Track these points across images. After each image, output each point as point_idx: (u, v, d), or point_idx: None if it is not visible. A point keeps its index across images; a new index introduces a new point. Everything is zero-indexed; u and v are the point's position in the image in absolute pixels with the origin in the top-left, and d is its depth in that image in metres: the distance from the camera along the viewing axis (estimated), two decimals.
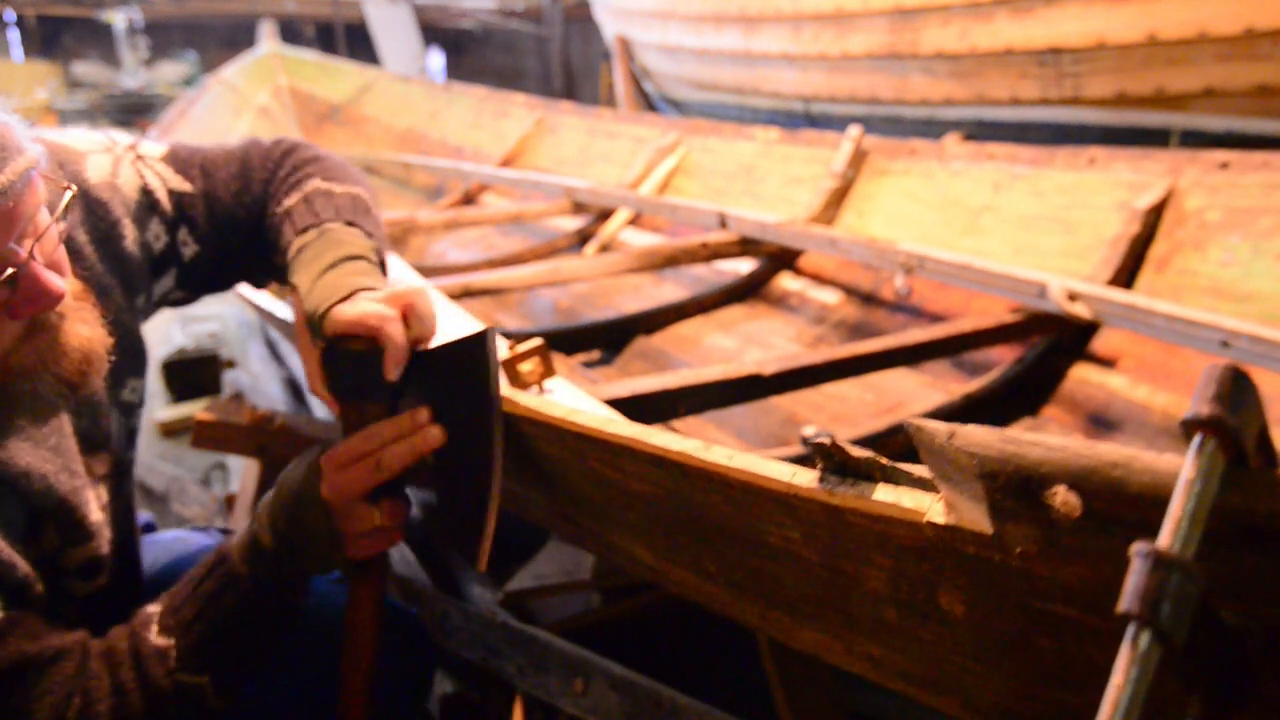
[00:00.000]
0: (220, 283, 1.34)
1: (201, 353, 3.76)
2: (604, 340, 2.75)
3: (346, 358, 1.05)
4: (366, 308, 1.03)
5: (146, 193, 1.20)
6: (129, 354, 1.16)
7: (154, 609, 1.05)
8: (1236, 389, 0.47)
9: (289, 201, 1.20)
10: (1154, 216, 2.21)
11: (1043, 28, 3.40)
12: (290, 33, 8.85)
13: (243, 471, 2.27)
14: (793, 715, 1.40)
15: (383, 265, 1.17)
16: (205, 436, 2.11)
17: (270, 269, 1.28)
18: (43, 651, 0.96)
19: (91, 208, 1.12)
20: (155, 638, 1.02)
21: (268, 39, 5.88)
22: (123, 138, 1.25)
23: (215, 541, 1.40)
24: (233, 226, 1.25)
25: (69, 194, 0.96)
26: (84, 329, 0.99)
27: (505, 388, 1.08)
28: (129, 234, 1.17)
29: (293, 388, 3.37)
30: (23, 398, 0.95)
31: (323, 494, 1.03)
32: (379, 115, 5.32)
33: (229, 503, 2.59)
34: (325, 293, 1.06)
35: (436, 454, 1.05)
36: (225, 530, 1.47)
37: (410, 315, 1.04)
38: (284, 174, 1.25)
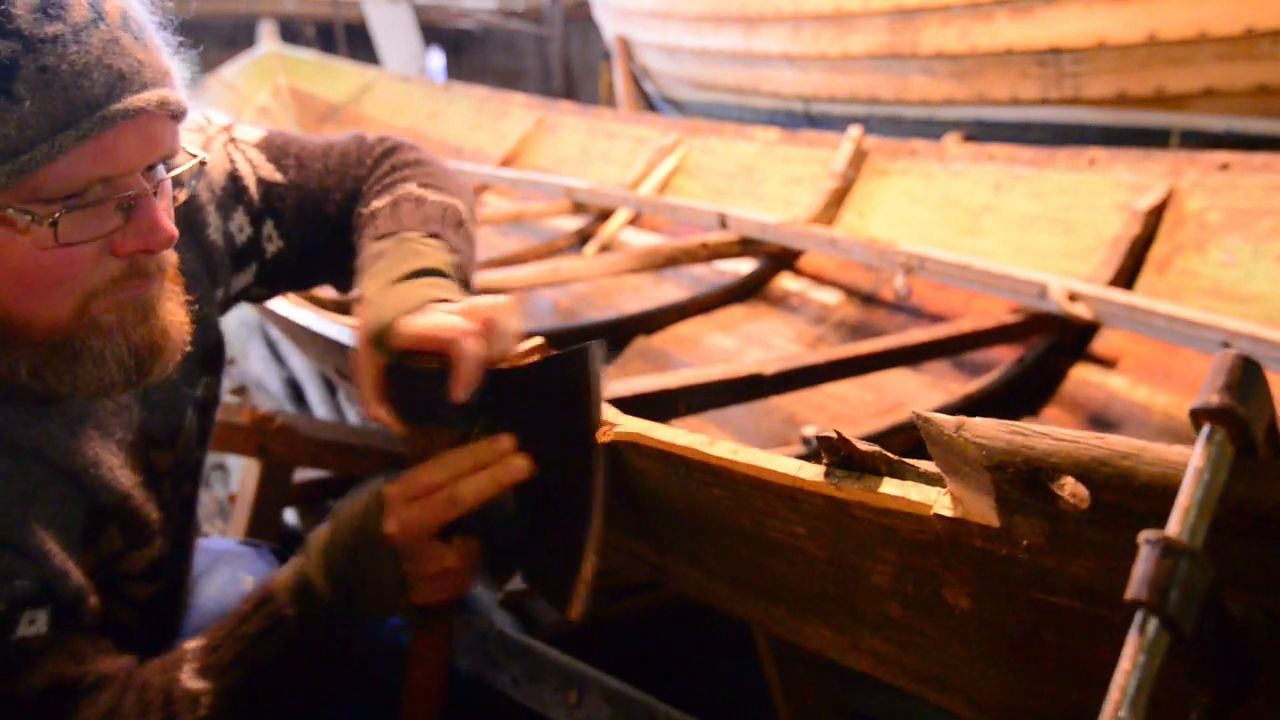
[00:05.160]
0: (302, 282, 1.28)
1: None
2: (604, 340, 2.74)
3: (413, 376, 0.94)
4: (439, 320, 0.93)
5: (234, 179, 1.13)
6: (205, 349, 1.09)
7: (193, 645, 0.96)
8: (1246, 379, 0.47)
9: (376, 204, 1.12)
10: (1154, 217, 2.21)
11: (1043, 28, 3.41)
12: (290, 33, 8.84)
13: (243, 471, 2.26)
14: (792, 715, 1.40)
15: (465, 283, 1.07)
16: None
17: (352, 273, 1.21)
18: (83, 677, 0.90)
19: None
20: (189, 680, 0.93)
21: (268, 39, 5.90)
22: (219, 117, 1.18)
23: (267, 563, 1.31)
24: (321, 224, 1.18)
25: (195, 161, 0.93)
26: (171, 305, 0.92)
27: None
28: (212, 221, 1.10)
29: (293, 388, 3.37)
30: (87, 363, 0.87)
31: (388, 530, 0.92)
32: (379, 115, 5.32)
33: (229, 502, 2.59)
34: (393, 303, 0.97)
35: (519, 487, 0.94)
36: (276, 550, 1.38)
37: (488, 332, 0.94)
38: (380, 174, 1.17)
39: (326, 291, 1.34)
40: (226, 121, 1.18)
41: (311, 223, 1.17)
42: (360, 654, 1.02)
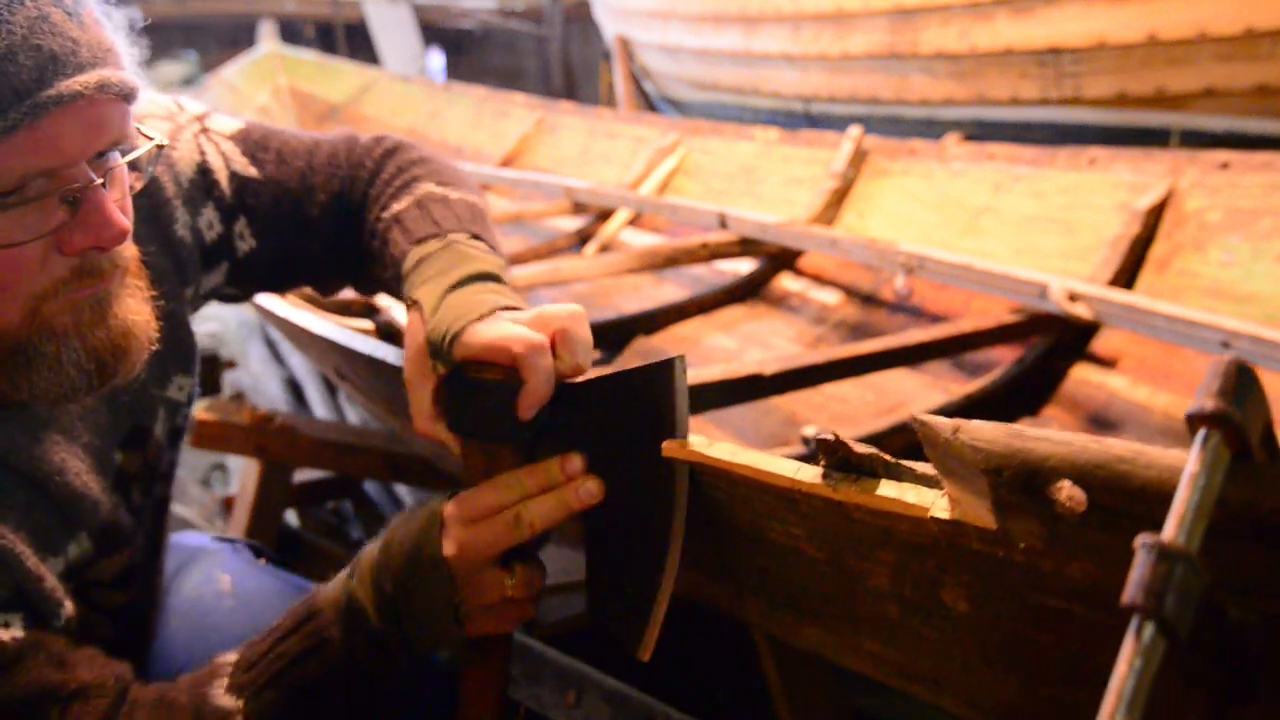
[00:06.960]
0: (278, 283, 1.23)
1: (201, 353, 3.75)
2: (604, 340, 2.74)
3: (476, 388, 0.87)
4: (508, 330, 0.86)
5: (204, 172, 1.06)
6: (177, 348, 1.05)
7: (227, 659, 0.90)
8: (1241, 383, 0.47)
9: (397, 206, 1.05)
10: (1154, 217, 2.21)
11: (1043, 28, 3.40)
12: (290, 33, 8.84)
13: (243, 471, 2.26)
14: (792, 715, 1.40)
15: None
16: (205, 436, 2.11)
17: (348, 277, 1.16)
18: (67, 683, 0.83)
19: None
20: (221, 697, 0.86)
21: (268, 39, 5.90)
22: (193, 106, 1.10)
23: (244, 560, 1.26)
24: (301, 225, 1.11)
25: (152, 144, 0.86)
26: (132, 303, 0.86)
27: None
28: (180, 216, 1.04)
29: (293, 388, 3.37)
30: (43, 370, 0.81)
31: (445, 553, 0.85)
32: (379, 115, 5.32)
33: (228, 503, 2.59)
34: (457, 311, 0.89)
35: (588, 513, 0.87)
36: (252, 545, 1.31)
37: (560, 343, 0.87)
38: (388, 175, 1.10)
39: None
40: (200, 110, 1.10)
41: (289, 223, 1.11)
42: (406, 687, 0.94)
